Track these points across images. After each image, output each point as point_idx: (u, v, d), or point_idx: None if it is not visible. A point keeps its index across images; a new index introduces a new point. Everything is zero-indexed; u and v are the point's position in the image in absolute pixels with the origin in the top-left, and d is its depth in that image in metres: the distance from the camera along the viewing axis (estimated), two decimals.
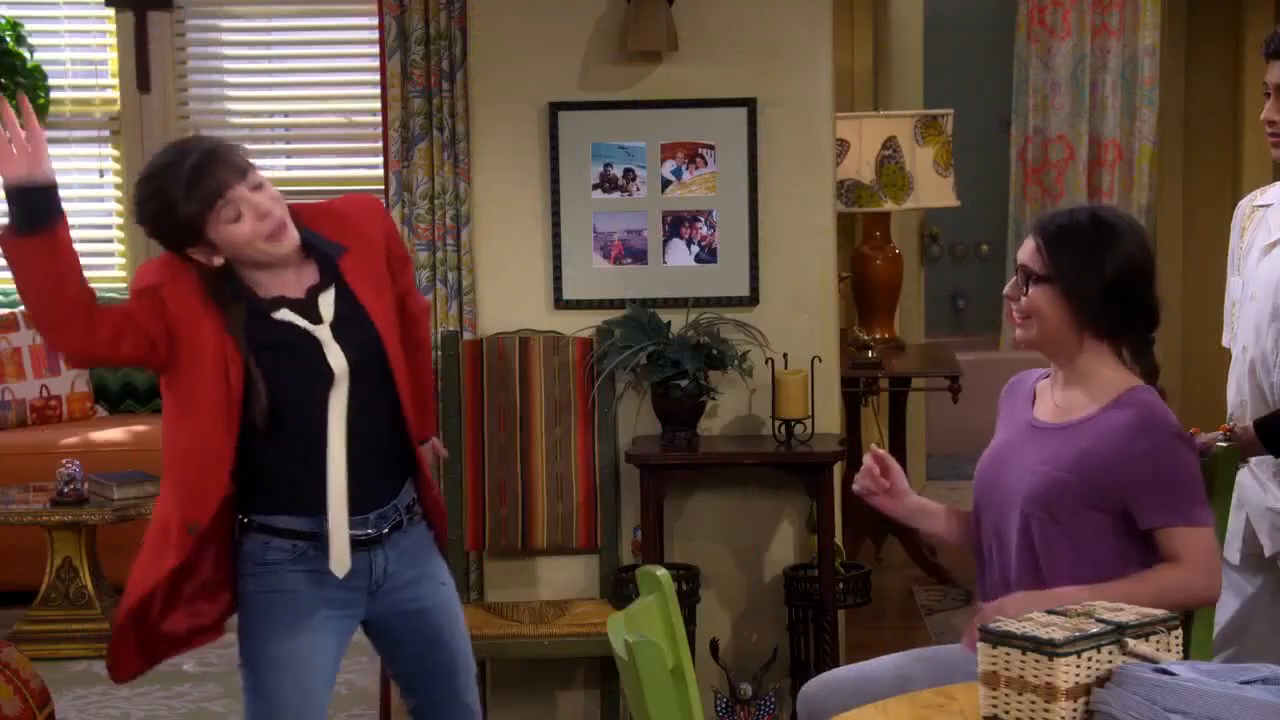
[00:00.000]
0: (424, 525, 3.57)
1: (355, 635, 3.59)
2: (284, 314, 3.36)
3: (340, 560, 3.39)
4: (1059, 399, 3.31)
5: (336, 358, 3.36)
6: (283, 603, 3.41)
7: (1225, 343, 3.95)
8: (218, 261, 3.32)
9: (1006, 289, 3.35)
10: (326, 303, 3.39)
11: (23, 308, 6.92)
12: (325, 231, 3.43)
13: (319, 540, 3.40)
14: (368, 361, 3.40)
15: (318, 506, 3.39)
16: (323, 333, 3.36)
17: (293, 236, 3.35)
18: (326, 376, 3.35)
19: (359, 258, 3.43)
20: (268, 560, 3.43)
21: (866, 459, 3.44)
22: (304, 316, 3.37)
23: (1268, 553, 3.73)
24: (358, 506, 3.41)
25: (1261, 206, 3.84)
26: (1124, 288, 3.22)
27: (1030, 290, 3.28)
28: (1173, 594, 3.10)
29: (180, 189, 3.26)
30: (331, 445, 3.35)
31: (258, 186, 3.31)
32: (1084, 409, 3.26)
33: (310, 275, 3.40)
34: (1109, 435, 3.20)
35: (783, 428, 4.79)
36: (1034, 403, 3.38)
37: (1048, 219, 3.31)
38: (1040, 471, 3.23)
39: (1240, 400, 3.77)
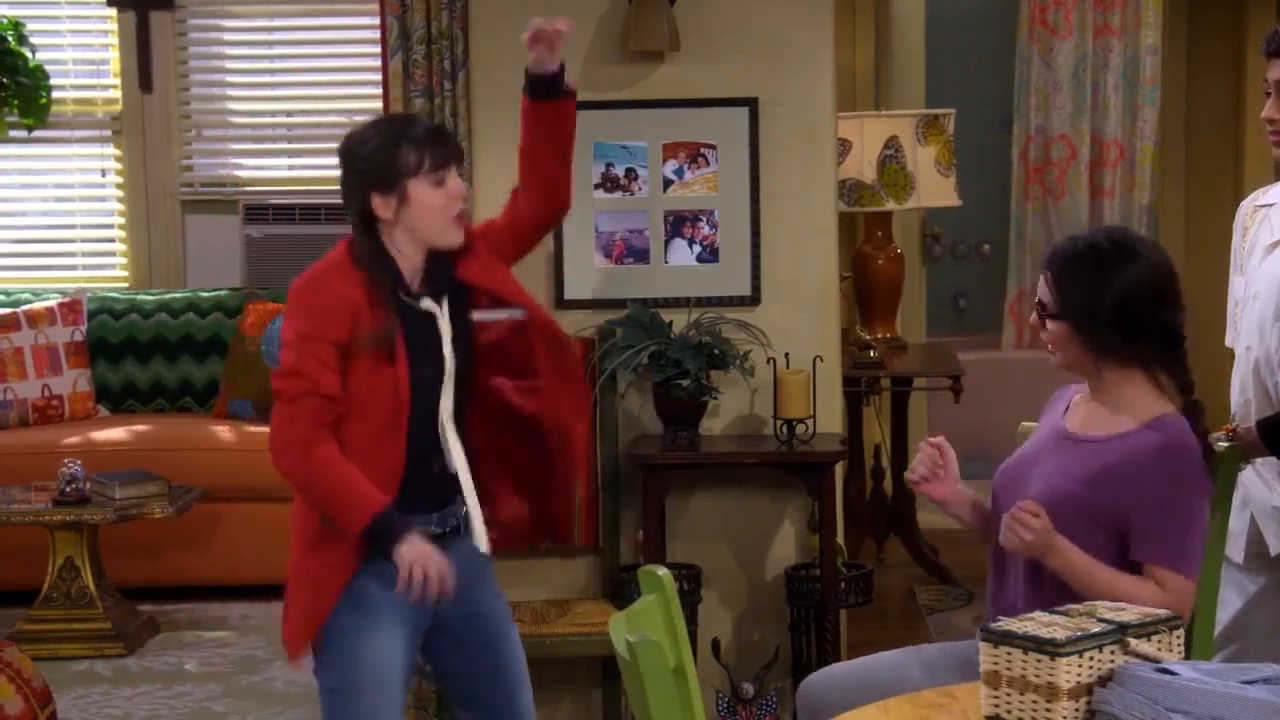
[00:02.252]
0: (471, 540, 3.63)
1: None
2: (427, 303, 3.50)
3: (481, 539, 3.56)
4: (1088, 413, 3.33)
5: (449, 354, 3.50)
6: (359, 603, 3.45)
7: (1229, 343, 3.95)
8: (386, 215, 3.45)
9: (1032, 318, 3.37)
10: (445, 305, 3.53)
11: (27, 307, 6.91)
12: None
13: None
14: (463, 362, 3.54)
15: (408, 503, 3.45)
16: (445, 327, 3.51)
17: (462, 238, 3.53)
18: (442, 369, 3.49)
19: (476, 262, 3.59)
20: None
21: (925, 446, 3.44)
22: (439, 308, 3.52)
23: (1273, 551, 3.72)
24: (428, 503, 3.51)
25: (1264, 206, 3.84)
26: (1129, 314, 3.22)
27: (1047, 324, 3.31)
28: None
29: (417, 133, 3.48)
30: (448, 437, 3.49)
31: (462, 178, 3.55)
32: (1112, 427, 3.26)
33: (427, 278, 3.54)
34: (1132, 457, 3.21)
35: (784, 427, 4.79)
36: (1066, 413, 3.39)
37: (1054, 253, 3.34)
38: (1054, 481, 3.25)
39: (1244, 400, 3.77)
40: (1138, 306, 3.24)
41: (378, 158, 3.46)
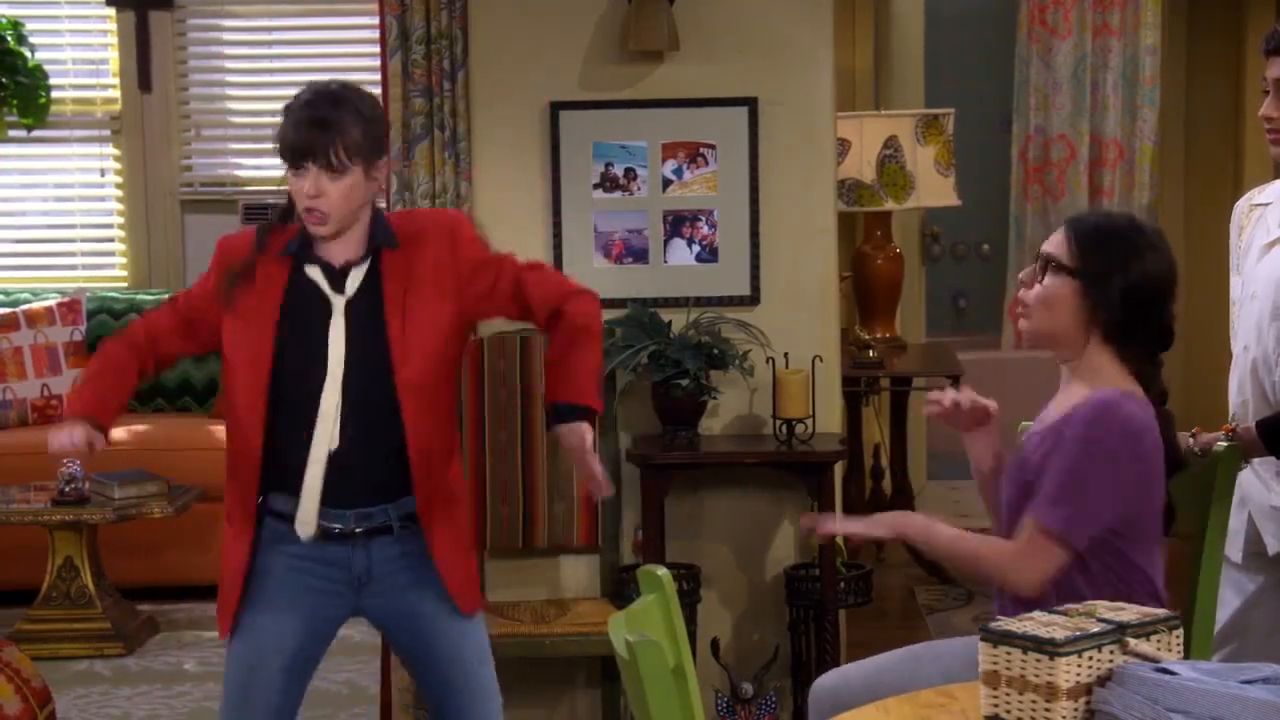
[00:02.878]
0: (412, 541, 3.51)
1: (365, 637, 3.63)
2: (314, 271, 3.41)
3: (304, 523, 3.41)
4: (1059, 401, 3.30)
5: (337, 333, 3.39)
6: (258, 582, 3.49)
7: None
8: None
9: (1022, 274, 3.31)
10: (355, 277, 3.42)
11: (26, 307, 6.93)
12: (395, 227, 3.46)
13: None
14: (371, 351, 3.39)
15: (298, 487, 3.41)
16: (338, 302, 3.40)
17: (331, 229, 3.38)
18: (323, 352, 3.38)
19: (407, 259, 3.43)
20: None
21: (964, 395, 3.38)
22: (330, 283, 3.41)
23: (1271, 552, 3.72)
24: (338, 499, 3.42)
25: (1260, 205, 3.83)
26: (1142, 298, 3.21)
27: (1047, 279, 3.24)
28: (988, 570, 3.18)
29: (289, 122, 3.46)
30: (320, 423, 3.37)
31: (339, 170, 3.37)
32: (1069, 402, 3.24)
33: (355, 252, 3.44)
34: (1061, 427, 3.19)
35: (784, 427, 4.79)
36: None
37: (1084, 215, 3.32)
38: (1015, 478, 3.27)
39: (1242, 400, 3.76)
40: (1152, 295, 3.22)
41: (278, 133, 3.49)
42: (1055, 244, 3.25)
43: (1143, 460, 3.14)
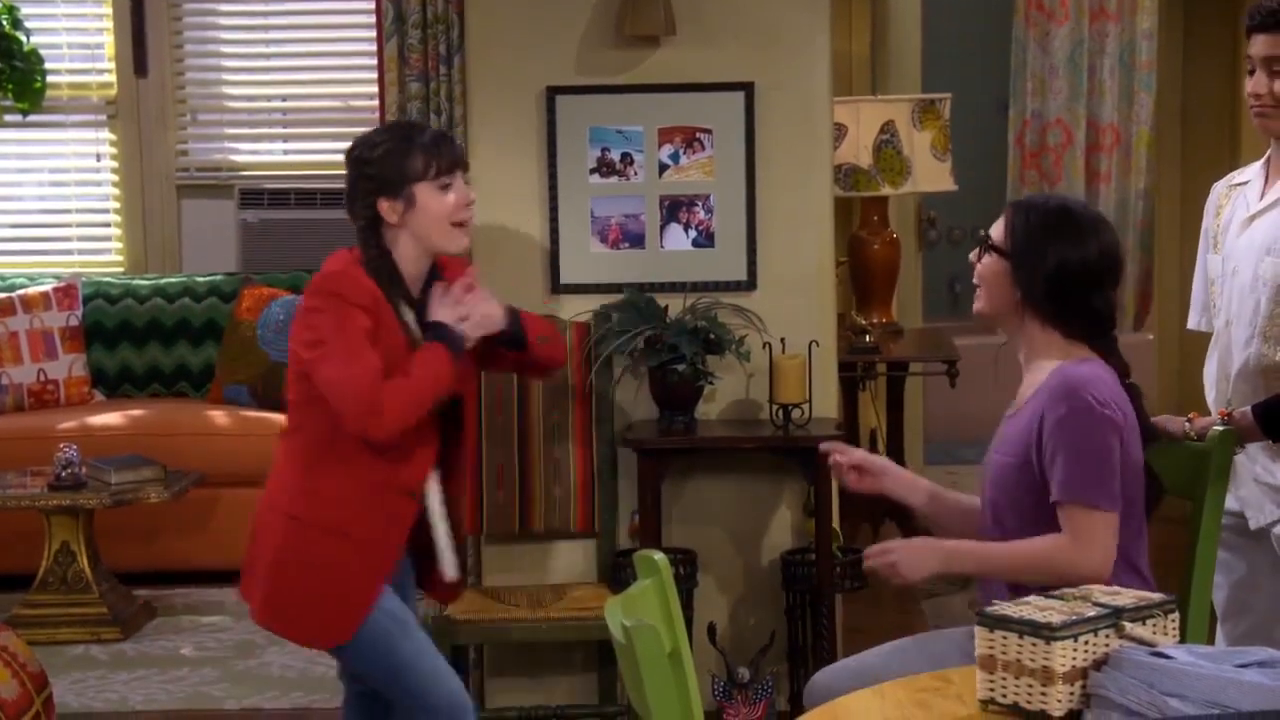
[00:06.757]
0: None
1: None
2: (409, 315, 3.60)
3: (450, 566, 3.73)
4: (1022, 386, 3.33)
5: None
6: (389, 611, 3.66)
7: (1192, 324, 3.96)
8: (392, 219, 3.56)
9: (971, 255, 3.39)
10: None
11: (22, 292, 6.94)
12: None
13: None
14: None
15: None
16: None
17: (466, 244, 3.69)
18: None
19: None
20: None
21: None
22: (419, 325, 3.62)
23: (1253, 525, 3.72)
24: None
25: (1239, 185, 3.85)
26: (1067, 281, 3.23)
27: (984, 258, 3.33)
28: (1058, 569, 3.06)
29: (425, 139, 3.58)
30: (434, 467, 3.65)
31: (467, 184, 3.65)
32: (1030, 391, 3.27)
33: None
34: (1036, 409, 3.21)
35: (780, 412, 4.79)
36: None
37: (1026, 198, 3.39)
38: (994, 460, 3.29)
39: (1224, 375, 3.77)
40: (1079, 278, 3.24)
41: (387, 162, 3.56)
42: (997, 225, 3.34)
43: (1125, 415, 3.20)
